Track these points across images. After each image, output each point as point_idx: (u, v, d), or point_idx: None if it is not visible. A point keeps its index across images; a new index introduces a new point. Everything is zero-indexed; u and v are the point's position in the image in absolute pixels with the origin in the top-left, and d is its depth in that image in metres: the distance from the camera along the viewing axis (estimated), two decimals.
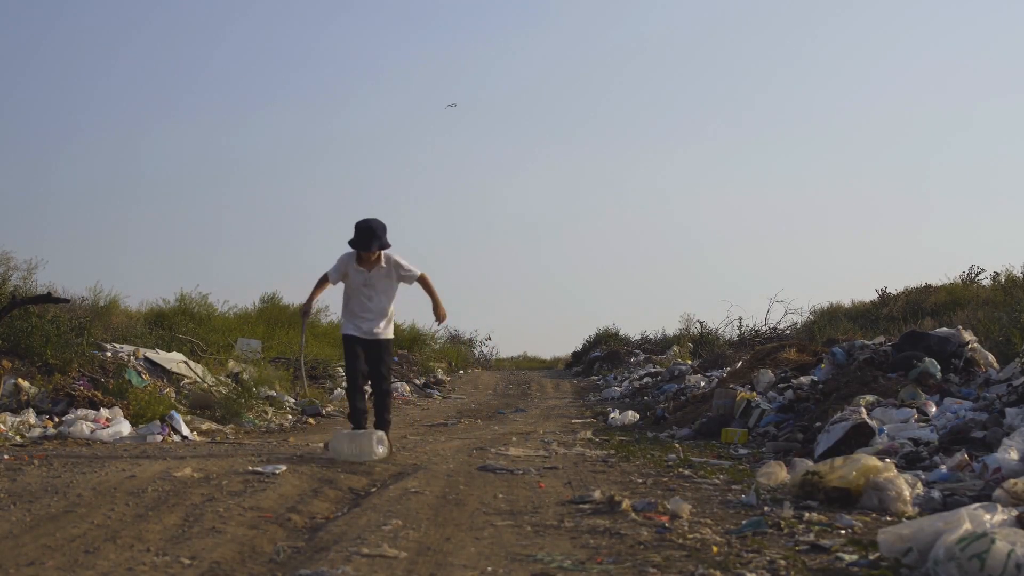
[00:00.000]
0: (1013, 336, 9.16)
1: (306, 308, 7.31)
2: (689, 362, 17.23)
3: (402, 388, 16.23)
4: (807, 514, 4.50)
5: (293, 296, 23.39)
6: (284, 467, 6.08)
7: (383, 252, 6.84)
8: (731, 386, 10.29)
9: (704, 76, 51.04)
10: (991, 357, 8.32)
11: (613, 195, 49.10)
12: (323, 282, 7.02)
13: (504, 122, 49.65)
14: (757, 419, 8.58)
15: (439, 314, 7.17)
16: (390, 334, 7.04)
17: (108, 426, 8.17)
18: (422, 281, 7.08)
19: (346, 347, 7.01)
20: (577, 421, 11.49)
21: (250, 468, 6.11)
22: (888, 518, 4.49)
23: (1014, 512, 3.62)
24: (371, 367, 6.98)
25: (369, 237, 6.72)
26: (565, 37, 51.02)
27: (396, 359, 19.98)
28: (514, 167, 49.01)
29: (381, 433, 6.81)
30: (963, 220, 40.57)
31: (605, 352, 23.39)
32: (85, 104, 42.10)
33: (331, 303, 24.80)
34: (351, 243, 6.80)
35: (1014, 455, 4.97)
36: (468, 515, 4.71)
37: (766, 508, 4.73)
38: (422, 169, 47.96)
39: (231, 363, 12.47)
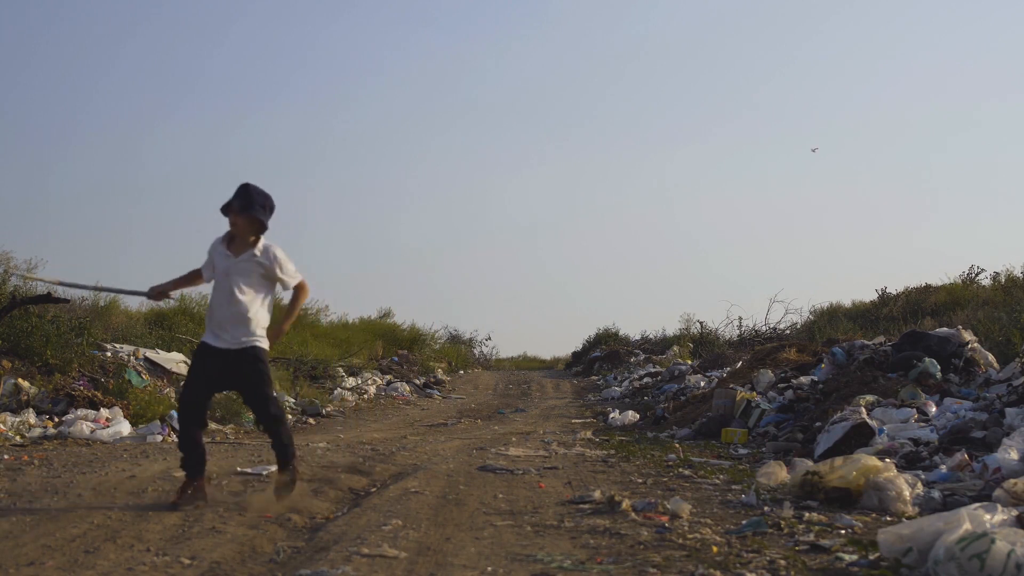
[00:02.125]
0: (1013, 336, 9.17)
1: (160, 288, 5.19)
2: (689, 362, 17.24)
3: (402, 388, 16.24)
4: (807, 514, 4.50)
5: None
6: (274, 467, 6.08)
7: (261, 240, 4.94)
8: (731, 386, 10.29)
9: (704, 76, 51.08)
10: (991, 357, 8.33)
11: (613, 195, 49.14)
12: (193, 274, 5.18)
13: (504, 122, 49.69)
14: (757, 419, 8.59)
15: (275, 333, 5.10)
16: (264, 343, 4.99)
17: (108, 426, 8.17)
18: (296, 292, 5.13)
19: (195, 361, 5.07)
20: (577, 421, 11.49)
21: (249, 469, 6.12)
22: (888, 518, 4.49)
23: (1014, 512, 3.62)
24: (246, 391, 5.07)
25: (239, 194, 4.87)
26: (565, 37, 51.05)
27: (396, 359, 19.98)
28: (514, 167, 49.06)
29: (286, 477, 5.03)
30: (963, 220, 40.62)
31: (605, 352, 23.39)
32: (85, 104, 42.13)
33: (331, 301, 24.80)
34: (221, 208, 4.94)
35: (1014, 455, 4.98)
36: (468, 515, 4.71)
37: (766, 508, 4.73)
38: (422, 169, 48.01)
39: None
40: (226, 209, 4.88)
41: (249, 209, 4.82)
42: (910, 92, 46.82)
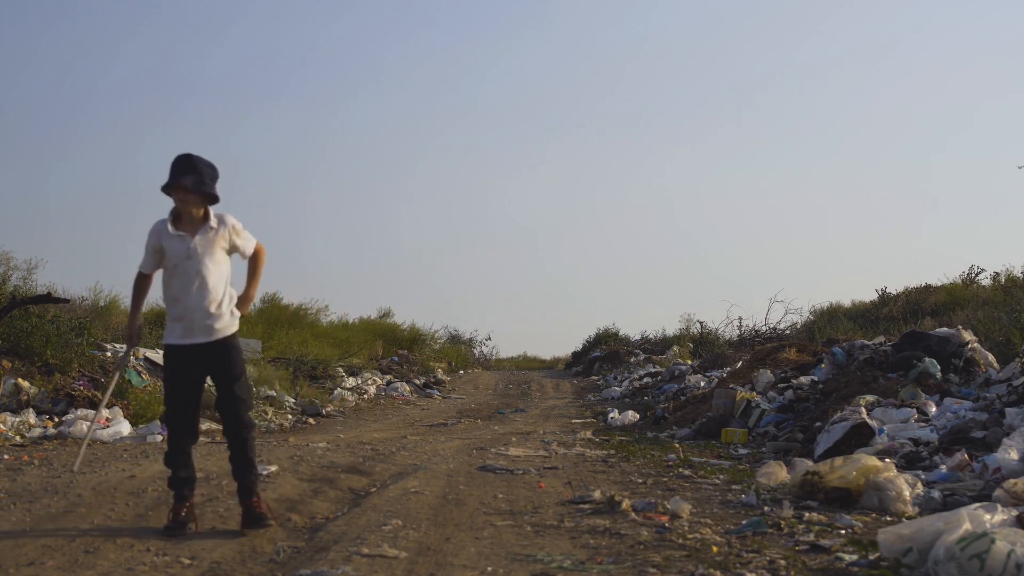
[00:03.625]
0: (1013, 336, 9.17)
1: (131, 331, 4.65)
2: (689, 362, 17.24)
3: (402, 388, 16.24)
4: (807, 514, 4.50)
5: (293, 296, 23.41)
6: (275, 467, 6.08)
7: (211, 211, 4.42)
8: (731, 386, 10.29)
9: (705, 76, 51.09)
10: (991, 357, 8.33)
11: (613, 195, 49.15)
12: (140, 282, 4.54)
13: (504, 122, 49.71)
14: (757, 419, 8.59)
15: (245, 301, 4.60)
16: (234, 327, 4.49)
17: (108, 426, 8.17)
18: (255, 255, 4.63)
19: (168, 367, 4.49)
20: (577, 421, 11.49)
21: None
22: (888, 518, 4.49)
23: (1014, 512, 3.62)
24: (218, 386, 4.47)
25: (185, 169, 4.30)
26: (565, 37, 51.06)
27: (396, 359, 19.95)
28: (514, 167, 49.08)
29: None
30: (963, 220, 40.63)
31: (605, 352, 23.39)
32: (85, 104, 42.14)
33: (331, 301, 24.79)
34: (163, 187, 4.35)
35: (1014, 455, 4.98)
36: (468, 515, 4.71)
37: (766, 508, 4.73)
38: (422, 169, 48.04)
39: None
40: (171, 188, 4.31)
41: (203, 187, 4.30)
42: (910, 92, 46.87)
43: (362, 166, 47.05)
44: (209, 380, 4.51)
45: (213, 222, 4.38)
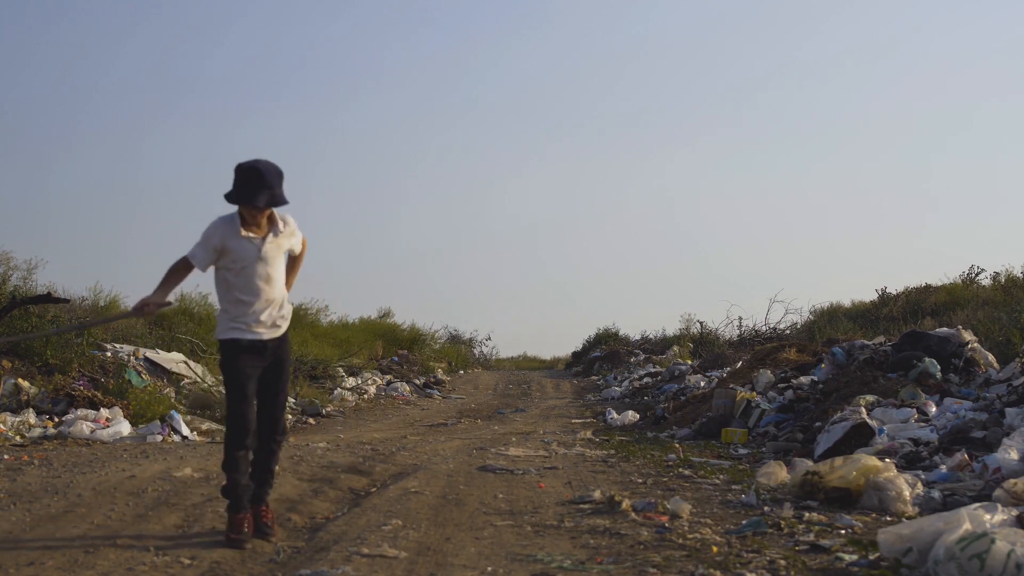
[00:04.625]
0: (1013, 336, 9.17)
1: (149, 300, 4.31)
2: (689, 362, 17.24)
3: (402, 388, 16.25)
4: (807, 514, 4.50)
5: (293, 295, 23.35)
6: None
7: (274, 213, 4.31)
8: (731, 386, 10.29)
9: (705, 76, 51.05)
10: (991, 357, 8.32)
11: (613, 195, 49.15)
12: (183, 270, 4.34)
13: (504, 122, 49.67)
14: (757, 419, 8.59)
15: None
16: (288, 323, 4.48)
17: (108, 426, 8.17)
18: (303, 250, 4.60)
19: (232, 366, 4.26)
20: (577, 421, 11.49)
21: None
22: (888, 518, 4.49)
23: (1014, 512, 3.62)
24: (267, 385, 4.31)
25: (258, 184, 4.13)
26: (565, 37, 51.03)
27: (396, 359, 19.97)
28: (514, 167, 49.06)
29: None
30: (963, 220, 40.62)
31: (605, 352, 23.39)
32: (85, 104, 42.13)
33: (331, 301, 24.79)
34: (231, 197, 4.17)
35: (1014, 455, 4.98)
36: (468, 515, 4.71)
37: (766, 508, 4.73)
38: (422, 169, 48.02)
39: None
40: (244, 200, 4.13)
41: (276, 201, 4.18)
42: (910, 92, 46.80)
43: (362, 166, 47.04)
44: None
45: (280, 225, 4.30)
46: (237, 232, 4.19)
